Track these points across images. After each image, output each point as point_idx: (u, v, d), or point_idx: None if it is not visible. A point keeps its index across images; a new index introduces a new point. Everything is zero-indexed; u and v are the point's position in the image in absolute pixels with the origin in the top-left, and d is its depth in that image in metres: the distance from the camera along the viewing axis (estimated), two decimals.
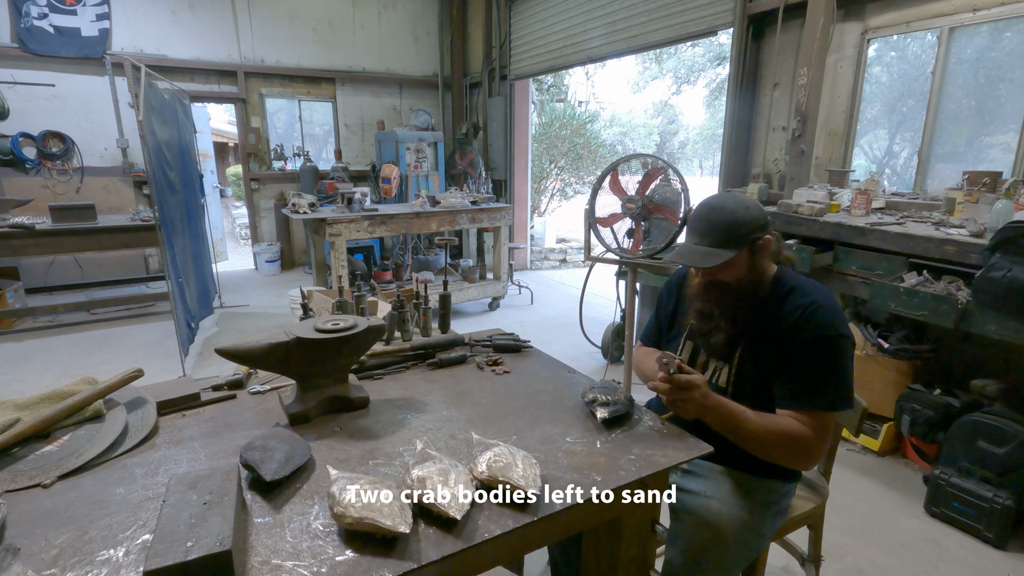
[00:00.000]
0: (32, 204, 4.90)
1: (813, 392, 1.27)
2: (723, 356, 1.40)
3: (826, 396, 1.26)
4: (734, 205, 1.31)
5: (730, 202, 1.32)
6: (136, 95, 3.37)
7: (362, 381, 1.51)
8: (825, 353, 1.26)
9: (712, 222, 1.31)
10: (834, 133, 3.63)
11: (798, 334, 1.27)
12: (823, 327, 1.26)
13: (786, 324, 1.29)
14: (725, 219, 1.30)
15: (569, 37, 5.80)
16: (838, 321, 1.27)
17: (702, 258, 1.30)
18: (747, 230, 1.29)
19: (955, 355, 2.84)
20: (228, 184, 12.35)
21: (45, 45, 5.58)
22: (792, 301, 1.31)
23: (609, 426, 1.28)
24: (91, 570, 0.83)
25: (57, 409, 1.18)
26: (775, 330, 1.31)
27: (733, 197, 1.34)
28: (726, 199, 1.34)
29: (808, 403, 1.27)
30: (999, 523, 2.17)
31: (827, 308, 1.28)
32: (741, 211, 1.30)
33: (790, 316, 1.29)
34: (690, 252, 1.33)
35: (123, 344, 4.42)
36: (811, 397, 1.27)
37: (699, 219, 1.35)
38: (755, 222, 1.30)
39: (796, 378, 1.28)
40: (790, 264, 1.44)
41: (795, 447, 1.27)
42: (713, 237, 1.30)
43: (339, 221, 4.41)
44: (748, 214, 1.30)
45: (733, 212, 1.30)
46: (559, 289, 6.50)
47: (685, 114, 21.87)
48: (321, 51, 7.02)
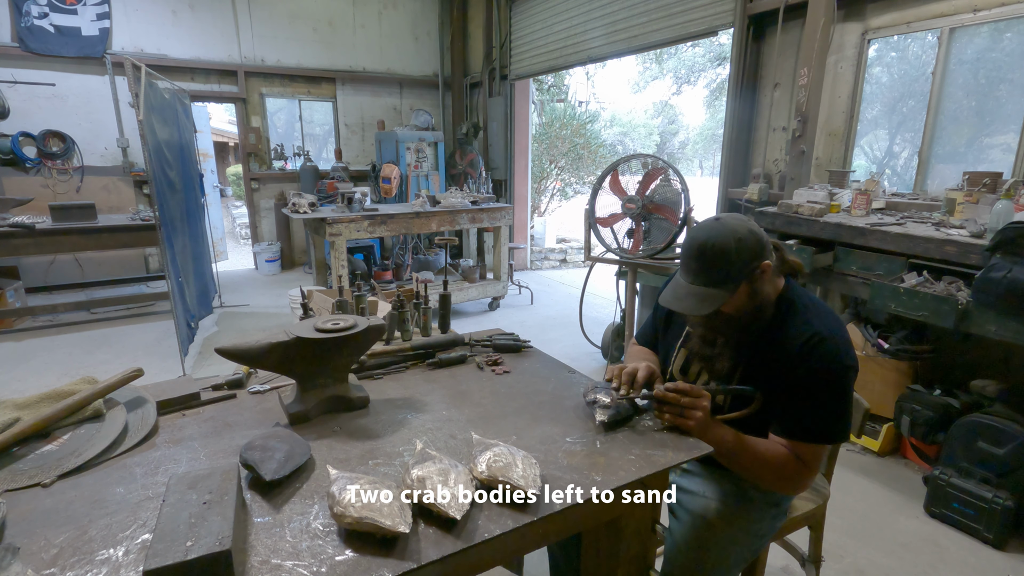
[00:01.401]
0: (32, 203, 4.90)
1: (813, 426, 1.24)
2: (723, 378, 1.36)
3: (826, 430, 1.24)
4: (726, 238, 1.20)
5: (722, 235, 1.21)
6: (136, 94, 3.36)
7: (362, 381, 1.51)
8: (830, 387, 1.22)
9: (704, 260, 1.22)
10: (834, 133, 3.63)
11: (802, 364, 1.22)
12: (827, 360, 1.20)
13: (790, 352, 1.23)
14: (718, 256, 1.20)
15: (569, 37, 5.80)
16: (843, 352, 1.21)
17: (697, 304, 1.23)
18: (742, 264, 1.20)
19: (955, 355, 2.84)
20: (228, 184, 12.35)
21: (45, 44, 5.59)
22: (797, 326, 1.25)
23: (608, 429, 1.28)
24: (91, 569, 0.82)
25: (57, 408, 1.18)
26: (778, 355, 1.26)
27: (724, 227, 1.22)
28: (717, 232, 1.22)
29: (806, 436, 1.24)
30: (999, 524, 2.17)
31: (832, 339, 1.21)
32: (734, 244, 1.19)
33: (794, 343, 1.23)
34: (685, 295, 1.25)
35: (123, 344, 4.42)
36: (810, 430, 1.24)
37: (691, 256, 1.25)
38: (750, 252, 1.20)
39: (796, 409, 1.24)
40: (796, 271, 1.37)
41: (785, 476, 1.26)
42: (706, 276, 1.22)
43: (339, 221, 4.41)
44: (742, 246, 1.20)
45: (725, 248, 1.19)
46: (559, 289, 6.50)
47: (685, 114, 21.90)
48: (321, 51, 7.02)
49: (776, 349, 1.26)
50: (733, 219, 1.25)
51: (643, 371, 1.33)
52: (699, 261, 1.23)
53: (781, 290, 1.31)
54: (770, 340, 1.28)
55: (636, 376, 1.33)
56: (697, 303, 1.23)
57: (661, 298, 1.33)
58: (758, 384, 1.29)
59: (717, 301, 1.21)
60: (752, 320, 1.28)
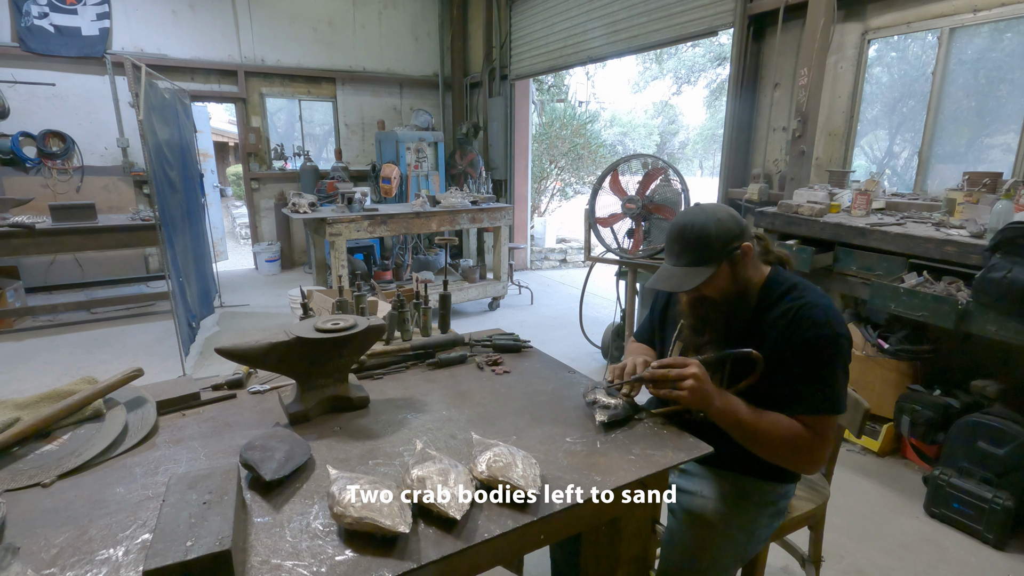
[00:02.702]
0: (32, 203, 4.90)
1: (812, 396, 1.23)
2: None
3: (830, 397, 1.23)
4: (705, 219, 1.26)
5: (700, 217, 1.27)
6: (136, 94, 3.37)
7: (362, 381, 1.51)
8: (825, 355, 1.21)
9: (685, 241, 1.28)
10: (834, 133, 3.63)
11: (792, 335, 1.23)
12: (818, 326, 1.21)
13: (779, 326, 1.25)
14: (697, 235, 1.26)
15: (569, 37, 5.80)
16: (834, 320, 1.23)
17: (680, 280, 1.27)
18: (722, 243, 1.25)
19: (955, 355, 2.84)
20: (228, 184, 12.35)
21: (46, 44, 5.59)
22: (784, 303, 1.27)
23: (608, 429, 1.28)
24: (91, 569, 0.82)
25: (57, 408, 1.18)
26: (768, 334, 1.27)
27: (703, 211, 1.29)
28: (696, 214, 1.29)
29: (811, 409, 1.24)
30: (999, 524, 2.17)
31: (821, 307, 1.23)
32: (713, 225, 1.25)
33: (783, 318, 1.25)
34: (669, 276, 1.29)
35: (123, 344, 4.42)
36: (810, 401, 1.23)
37: (673, 239, 1.31)
38: (729, 233, 1.25)
39: (793, 382, 1.24)
40: (784, 262, 1.40)
41: (800, 449, 1.24)
42: (689, 256, 1.27)
43: (339, 221, 4.41)
44: (721, 226, 1.25)
45: (704, 227, 1.25)
46: (559, 289, 6.50)
47: (685, 114, 21.89)
48: (321, 51, 7.02)
49: (765, 329, 1.28)
50: (713, 204, 1.32)
51: (640, 367, 1.34)
52: (680, 242, 1.29)
53: (766, 277, 1.34)
54: (757, 322, 1.30)
55: (634, 372, 1.34)
56: (680, 280, 1.27)
57: (648, 282, 1.35)
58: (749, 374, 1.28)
59: (700, 277, 1.25)
60: (737, 305, 1.31)
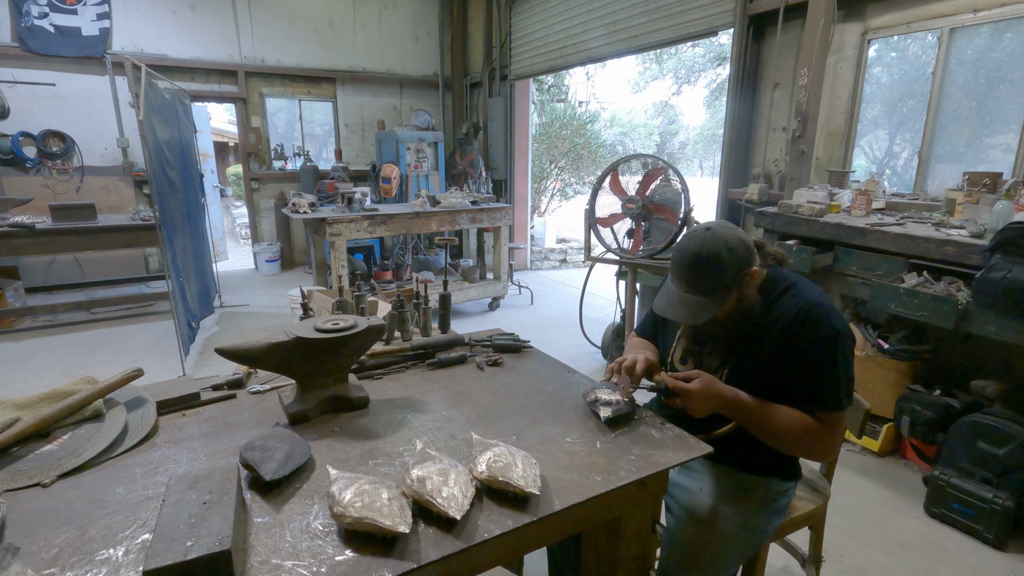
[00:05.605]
0: (32, 203, 4.90)
1: (817, 395, 1.24)
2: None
3: (832, 396, 1.24)
4: (717, 249, 1.23)
5: (712, 246, 1.24)
6: (136, 94, 3.37)
7: (362, 381, 1.51)
8: (829, 352, 1.23)
9: (697, 271, 1.25)
10: (834, 133, 3.63)
11: (796, 335, 1.24)
12: (820, 326, 1.23)
13: (779, 327, 1.27)
14: (710, 267, 1.23)
15: (569, 37, 5.80)
16: (835, 318, 1.24)
17: (693, 312, 1.26)
18: (733, 273, 1.24)
19: (955, 356, 2.84)
20: (228, 184, 12.35)
21: (46, 44, 5.58)
22: (784, 304, 1.29)
23: (612, 426, 1.28)
24: (91, 569, 0.82)
25: (57, 408, 1.18)
26: (768, 335, 1.29)
27: (715, 237, 1.25)
28: (708, 243, 1.24)
29: (818, 406, 1.25)
30: (999, 524, 2.17)
31: (821, 306, 1.25)
32: (725, 255, 1.23)
33: (783, 318, 1.27)
34: (680, 304, 1.28)
35: (123, 344, 4.42)
36: (820, 399, 1.25)
37: (684, 266, 1.27)
38: (741, 262, 1.24)
39: (797, 382, 1.26)
40: (780, 261, 1.40)
41: (813, 436, 1.25)
42: (700, 287, 1.26)
43: (339, 221, 4.40)
44: (733, 256, 1.23)
45: (717, 258, 1.23)
46: (559, 289, 6.50)
47: (685, 114, 21.90)
48: (321, 51, 7.02)
49: (765, 331, 1.30)
50: (723, 228, 1.28)
51: (641, 363, 1.35)
52: (692, 271, 1.27)
53: (764, 277, 1.35)
54: (757, 325, 1.32)
55: (635, 368, 1.34)
56: (691, 313, 1.27)
57: (655, 306, 1.36)
58: (750, 377, 1.31)
59: (711, 310, 1.25)
60: (738, 321, 1.33)
